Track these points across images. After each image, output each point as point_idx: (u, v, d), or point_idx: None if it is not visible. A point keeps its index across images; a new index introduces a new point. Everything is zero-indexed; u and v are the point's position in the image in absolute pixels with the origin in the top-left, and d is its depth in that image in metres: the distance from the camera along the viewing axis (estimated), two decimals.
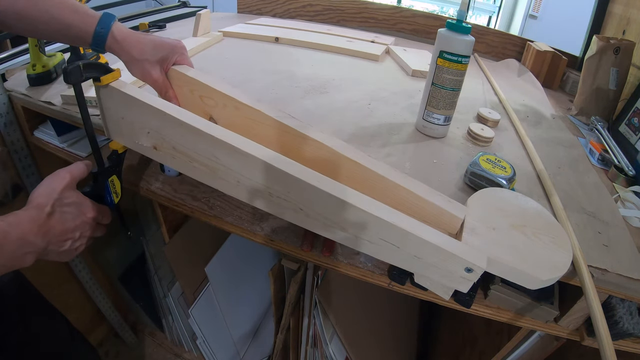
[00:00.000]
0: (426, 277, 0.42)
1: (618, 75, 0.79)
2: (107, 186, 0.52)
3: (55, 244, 0.43)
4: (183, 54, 0.55)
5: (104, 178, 0.51)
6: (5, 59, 0.73)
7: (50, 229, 0.42)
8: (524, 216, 0.44)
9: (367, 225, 0.39)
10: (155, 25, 1.05)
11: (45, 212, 0.41)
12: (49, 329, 0.66)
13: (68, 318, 0.71)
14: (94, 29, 0.46)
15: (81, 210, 0.46)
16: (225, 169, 0.43)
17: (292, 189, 0.41)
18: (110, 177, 0.52)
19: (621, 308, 0.47)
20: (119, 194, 0.54)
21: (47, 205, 0.42)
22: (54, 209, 0.43)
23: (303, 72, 0.83)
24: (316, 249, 0.53)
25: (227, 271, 0.96)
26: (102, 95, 0.48)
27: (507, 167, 0.51)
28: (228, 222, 0.57)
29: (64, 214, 0.44)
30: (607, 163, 0.65)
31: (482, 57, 1.18)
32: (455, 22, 0.57)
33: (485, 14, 3.08)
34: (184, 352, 1.13)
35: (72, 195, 0.46)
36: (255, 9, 1.34)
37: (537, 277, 0.37)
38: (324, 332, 0.77)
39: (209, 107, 0.54)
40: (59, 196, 0.44)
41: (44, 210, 0.42)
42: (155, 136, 0.46)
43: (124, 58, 0.50)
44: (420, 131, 0.66)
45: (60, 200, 0.44)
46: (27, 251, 0.39)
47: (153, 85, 0.53)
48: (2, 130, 0.67)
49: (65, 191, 0.45)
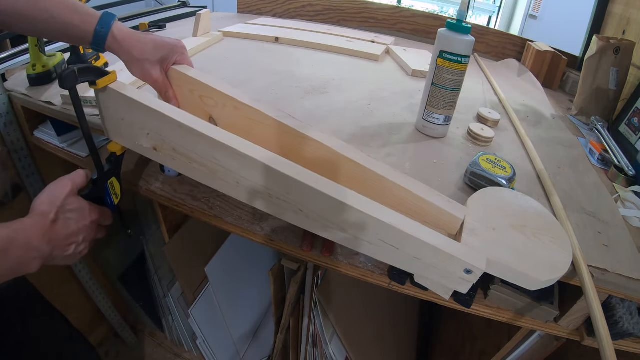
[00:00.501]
0: (426, 277, 0.42)
1: (618, 75, 0.79)
2: (107, 188, 0.52)
3: (60, 249, 0.43)
4: (183, 54, 0.55)
5: (104, 181, 0.51)
6: (5, 59, 0.73)
7: (54, 235, 0.42)
8: (524, 216, 0.44)
9: (366, 226, 0.39)
10: (155, 25, 1.05)
11: (49, 219, 0.42)
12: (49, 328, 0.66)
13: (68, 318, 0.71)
14: (94, 29, 0.46)
15: (83, 215, 0.47)
16: (224, 170, 0.43)
17: (291, 191, 0.41)
18: (109, 180, 0.52)
19: (621, 308, 0.47)
20: (118, 195, 0.54)
21: (50, 213, 0.42)
22: (58, 216, 0.43)
23: (303, 72, 0.83)
24: (316, 249, 0.53)
25: (227, 271, 0.96)
26: (101, 97, 0.47)
27: (507, 167, 0.51)
28: (228, 222, 0.57)
29: (67, 220, 0.45)
30: (607, 163, 0.65)
31: (482, 57, 1.18)
32: (455, 22, 0.57)
33: (485, 14, 3.08)
34: (184, 352, 1.13)
35: (74, 201, 0.46)
36: (255, 9, 1.34)
37: (536, 278, 0.37)
38: (324, 332, 0.77)
39: (209, 107, 0.54)
40: (61, 203, 0.44)
41: (48, 217, 0.42)
42: (155, 137, 0.46)
43: (124, 58, 0.50)
44: (420, 131, 0.66)
45: (63, 207, 0.44)
46: (33, 257, 0.40)
47: (153, 85, 0.53)
48: (2, 130, 0.67)
49: (67, 198, 0.45)
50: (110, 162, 0.52)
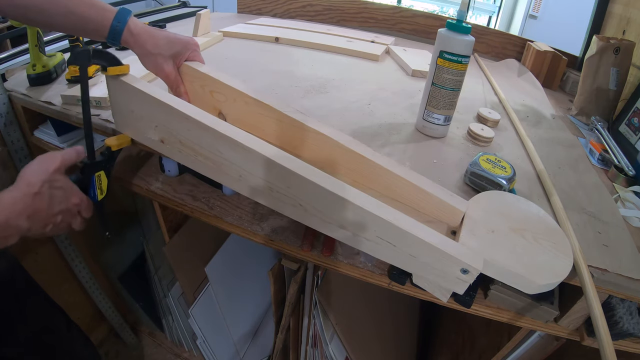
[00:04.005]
0: (424, 277, 0.42)
1: (618, 75, 0.79)
2: (93, 180, 0.51)
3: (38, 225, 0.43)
4: (195, 51, 0.56)
5: (92, 171, 0.50)
6: (5, 59, 0.73)
7: (35, 211, 0.42)
8: (524, 220, 0.44)
9: (364, 222, 0.40)
10: (155, 25, 1.05)
11: (32, 191, 0.42)
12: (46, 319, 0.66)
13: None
14: (111, 23, 0.48)
15: (66, 196, 0.46)
16: (228, 164, 0.44)
17: (291, 184, 0.41)
18: (97, 172, 0.51)
19: (621, 308, 0.47)
20: (103, 191, 0.53)
21: (36, 184, 0.42)
22: (42, 190, 0.43)
23: (303, 72, 0.83)
24: (316, 249, 0.53)
25: (227, 271, 0.96)
26: (113, 88, 0.49)
27: (507, 167, 0.51)
28: (228, 222, 0.57)
29: (51, 197, 0.44)
30: (607, 163, 0.65)
31: (482, 57, 1.18)
32: (455, 22, 0.57)
33: (485, 14, 3.08)
34: (184, 352, 1.13)
35: (61, 179, 0.46)
36: (255, 9, 1.34)
37: (534, 281, 0.37)
38: (324, 332, 0.77)
39: (219, 102, 0.55)
40: (49, 177, 0.44)
41: (32, 189, 0.42)
42: (162, 130, 0.48)
43: (138, 51, 0.51)
44: (420, 131, 0.66)
45: (50, 182, 0.44)
46: (10, 233, 0.40)
47: (165, 79, 0.54)
48: (2, 130, 0.67)
49: (55, 173, 0.45)
50: (103, 155, 0.51)
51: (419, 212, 0.47)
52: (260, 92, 0.53)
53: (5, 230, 0.39)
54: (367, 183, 0.49)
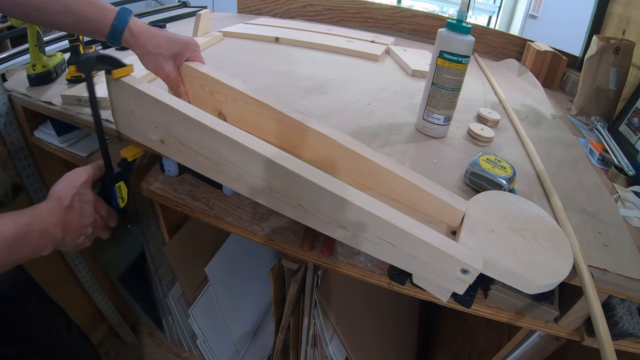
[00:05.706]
0: (424, 278, 0.42)
1: (618, 75, 0.79)
2: (114, 192, 0.54)
3: (71, 236, 0.46)
4: (196, 51, 0.56)
5: (112, 183, 0.53)
6: (5, 59, 0.73)
7: (68, 223, 0.44)
8: (525, 220, 0.44)
9: (364, 222, 0.40)
10: (155, 25, 1.05)
11: (64, 205, 0.44)
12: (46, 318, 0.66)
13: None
14: (112, 22, 0.48)
15: (96, 209, 0.49)
16: (228, 163, 0.45)
17: (291, 184, 0.41)
18: (117, 183, 0.53)
19: (621, 308, 0.47)
20: (125, 199, 0.56)
21: (67, 199, 0.45)
22: (73, 203, 0.45)
23: (303, 72, 0.83)
24: (316, 249, 0.53)
25: (227, 271, 0.96)
26: (113, 88, 0.49)
27: (507, 167, 0.51)
28: (228, 222, 0.57)
29: (82, 210, 0.47)
30: (607, 163, 0.65)
31: (482, 57, 1.18)
32: (455, 22, 0.57)
33: (485, 14, 3.08)
34: (184, 352, 1.13)
35: (89, 193, 0.48)
36: (255, 9, 1.34)
37: (534, 281, 0.37)
38: (324, 332, 0.77)
39: (219, 102, 0.56)
40: (77, 191, 0.46)
41: (64, 203, 0.44)
42: (162, 130, 0.48)
43: (138, 51, 0.51)
44: (420, 131, 0.66)
45: (79, 196, 0.46)
46: (47, 242, 0.42)
47: (165, 79, 0.54)
48: (2, 130, 0.67)
49: (83, 187, 0.47)
50: (120, 166, 0.53)
51: (419, 212, 0.47)
52: (260, 92, 0.53)
53: (43, 237, 0.41)
54: (367, 183, 0.49)
